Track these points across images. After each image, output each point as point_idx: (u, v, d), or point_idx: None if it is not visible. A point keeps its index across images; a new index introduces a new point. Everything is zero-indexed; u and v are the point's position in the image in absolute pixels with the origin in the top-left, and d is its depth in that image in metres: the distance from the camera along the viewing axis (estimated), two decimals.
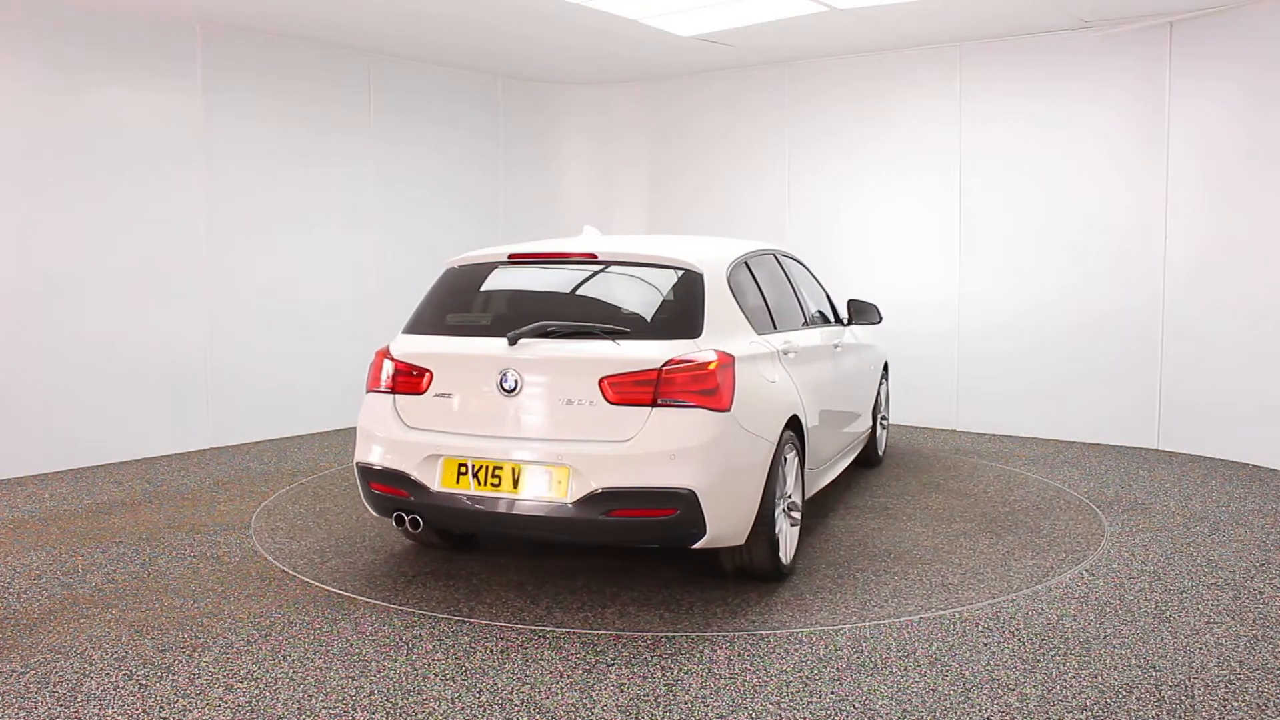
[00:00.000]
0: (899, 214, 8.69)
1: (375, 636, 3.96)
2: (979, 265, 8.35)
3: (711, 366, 4.07)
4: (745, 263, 4.97)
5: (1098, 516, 5.76)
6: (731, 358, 4.17)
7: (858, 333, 6.48)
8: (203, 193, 7.63)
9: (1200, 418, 7.40)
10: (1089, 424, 7.93)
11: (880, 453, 7.18)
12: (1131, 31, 7.50)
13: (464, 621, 4.11)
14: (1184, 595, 4.42)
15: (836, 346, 5.76)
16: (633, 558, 4.86)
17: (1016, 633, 3.98)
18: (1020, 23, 7.61)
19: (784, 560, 4.52)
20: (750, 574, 4.48)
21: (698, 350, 4.10)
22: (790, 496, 4.62)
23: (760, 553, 4.35)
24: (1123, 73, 7.61)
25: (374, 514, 4.61)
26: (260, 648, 3.84)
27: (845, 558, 4.95)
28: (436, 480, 4.22)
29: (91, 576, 4.70)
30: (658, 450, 3.94)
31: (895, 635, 3.96)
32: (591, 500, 3.96)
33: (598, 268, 4.51)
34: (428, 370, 4.37)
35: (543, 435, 4.13)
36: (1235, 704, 3.35)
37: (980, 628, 4.04)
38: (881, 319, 6.50)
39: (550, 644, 3.88)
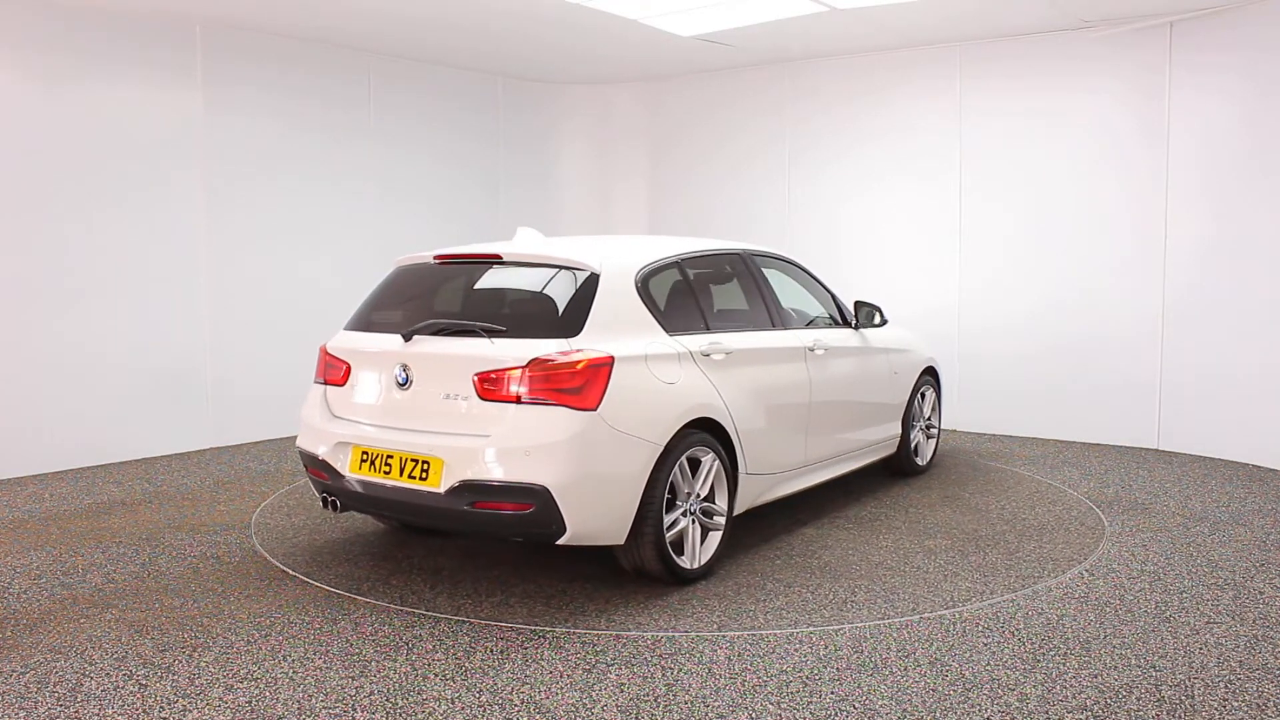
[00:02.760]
0: (900, 214, 8.69)
1: (375, 636, 3.96)
2: (979, 265, 8.35)
3: (579, 366, 4.12)
4: (677, 264, 4.98)
5: (1098, 516, 5.76)
6: (608, 358, 4.19)
7: (873, 336, 6.24)
8: (203, 192, 7.63)
9: (1200, 418, 7.40)
10: (1089, 424, 7.93)
11: (923, 462, 6.85)
12: (1131, 31, 7.50)
13: (464, 621, 4.12)
14: (1184, 595, 4.42)
15: (814, 349, 5.54)
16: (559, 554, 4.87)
17: (1016, 633, 3.98)
18: (1020, 23, 7.61)
19: (687, 564, 4.50)
20: (644, 575, 4.49)
21: (569, 349, 4.17)
22: (704, 499, 4.60)
23: (648, 554, 4.34)
24: (1123, 73, 7.60)
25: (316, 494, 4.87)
26: (260, 648, 3.84)
27: (775, 567, 4.82)
28: (346, 466, 4.48)
29: (91, 576, 4.70)
30: (515, 446, 4.06)
31: (895, 635, 3.96)
32: (458, 491, 4.12)
33: (505, 269, 4.69)
34: (348, 363, 4.69)
35: (425, 427, 4.32)
36: (1235, 704, 3.35)
37: (980, 628, 4.04)
38: (885, 320, 6.39)
39: (550, 644, 3.88)
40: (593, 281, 4.43)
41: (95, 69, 7.03)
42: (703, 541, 4.63)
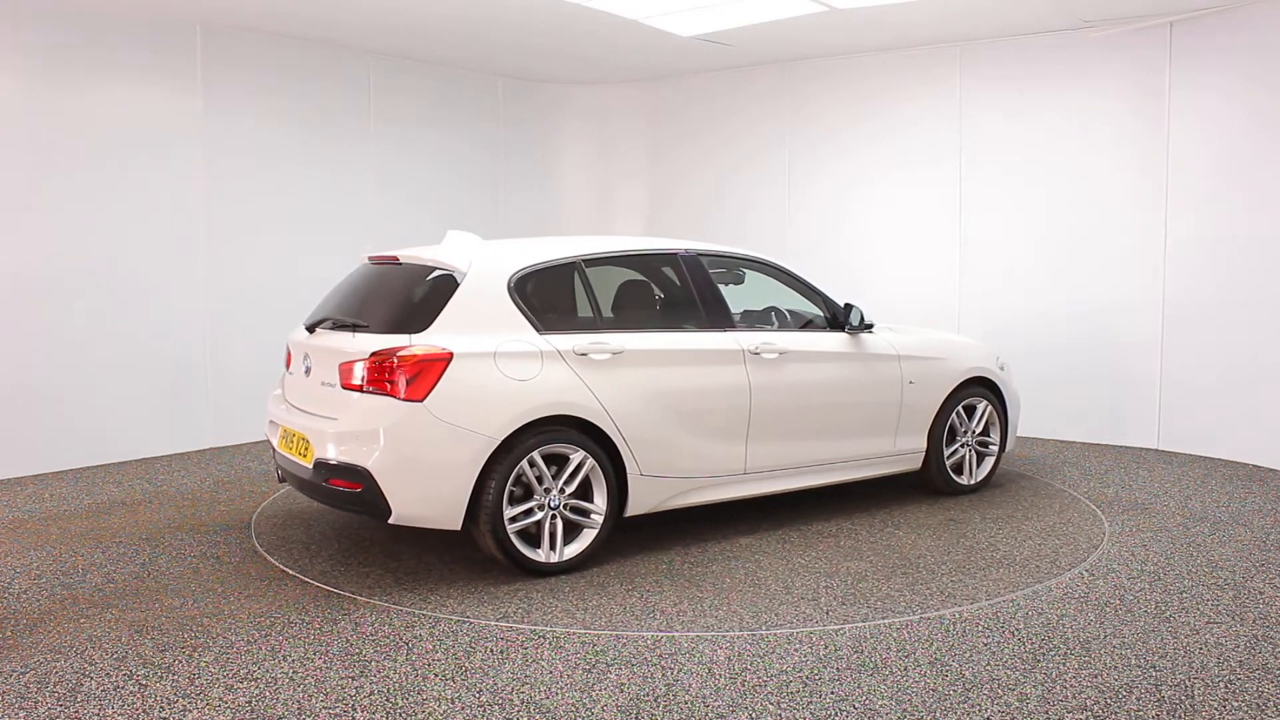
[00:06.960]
0: (899, 215, 8.68)
1: (375, 636, 3.96)
2: (979, 265, 8.34)
3: (409, 360, 4.41)
4: (574, 264, 5.05)
5: (1098, 516, 5.76)
6: (445, 354, 4.44)
7: (876, 340, 5.85)
8: (202, 192, 7.63)
9: (1200, 418, 7.40)
10: (1089, 424, 7.93)
11: (969, 481, 6.21)
12: (1131, 31, 7.50)
13: (464, 621, 4.12)
14: (1184, 595, 4.42)
15: (758, 352, 5.26)
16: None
17: (1016, 633, 3.98)
18: (1020, 23, 7.61)
19: (540, 558, 4.63)
20: (495, 562, 4.71)
21: (408, 344, 4.47)
22: (575, 496, 4.69)
23: (488, 543, 4.57)
24: (1123, 73, 7.60)
25: None
26: (260, 648, 3.84)
27: (652, 571, 4.71)
28: (278, 443, 5.05)
29: (91, 576, 4.70)
30: (349, 430, 4.48)
31: (895, 635, 3.96)
32: (317, 468, 4.58)
33: (398, 269, 5.08)
34: (290, 353, 5.28)
35: (311, 410, 4.84)
36: (1235, 704, 3.35)
37: (980, 628, 4.04)
38: (869, 326, 5.85)
39: (550, 644, 3.88)
40: (455, 282, 4.70)
41: (95, 69, 7.03)
42: (573, 538, 4.73)
